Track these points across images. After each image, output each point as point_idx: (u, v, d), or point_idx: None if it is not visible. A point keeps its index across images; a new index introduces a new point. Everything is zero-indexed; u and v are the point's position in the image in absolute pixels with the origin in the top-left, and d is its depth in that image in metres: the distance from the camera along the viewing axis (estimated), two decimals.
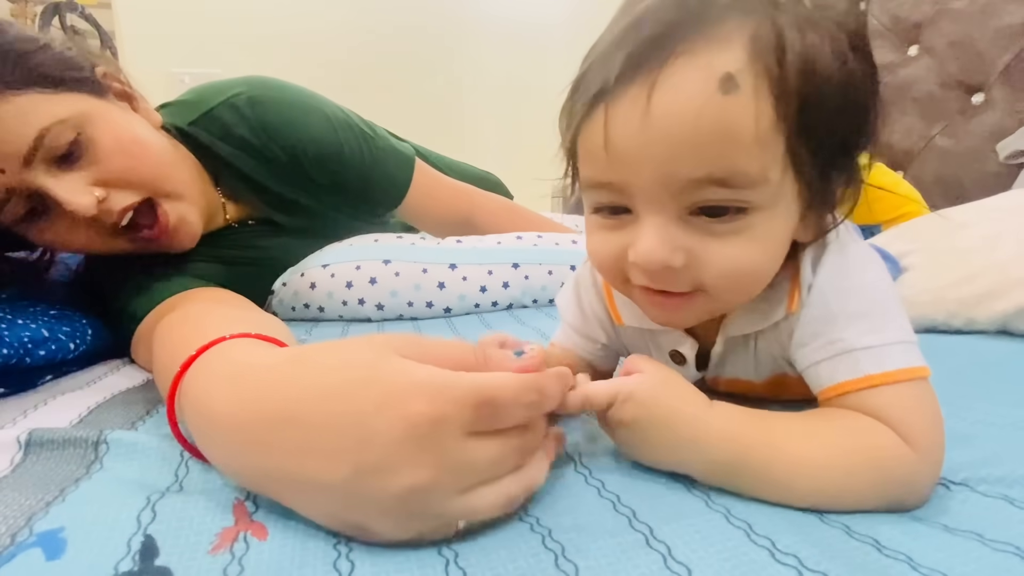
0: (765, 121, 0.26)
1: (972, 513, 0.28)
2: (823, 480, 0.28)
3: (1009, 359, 0.52)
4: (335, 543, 0.26)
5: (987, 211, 0.74)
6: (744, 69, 0.25)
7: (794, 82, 0.26)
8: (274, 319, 0.49)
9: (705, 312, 0.32)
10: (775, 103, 0.26)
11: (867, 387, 0.29)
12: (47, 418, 0.43)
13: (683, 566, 0.24)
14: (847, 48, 0.27)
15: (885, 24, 1.21)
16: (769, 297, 0.33)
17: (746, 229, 0.28)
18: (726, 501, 0.29)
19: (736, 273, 0.29)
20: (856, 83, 0.27)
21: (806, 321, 0.32)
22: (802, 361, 0.32)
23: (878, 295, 0.31)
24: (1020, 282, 0.59)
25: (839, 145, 0.28)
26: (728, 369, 0.38)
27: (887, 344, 0.29)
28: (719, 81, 0.25)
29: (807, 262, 0.32)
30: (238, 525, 0.27)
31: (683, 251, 0.28)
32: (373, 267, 0.77)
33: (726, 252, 0.28)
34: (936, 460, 0.29)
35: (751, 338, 0.35)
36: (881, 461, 0.27)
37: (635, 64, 0.26)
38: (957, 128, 1.09)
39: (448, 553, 0.25)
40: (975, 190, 1.02)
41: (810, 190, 0.29)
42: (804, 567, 0.24)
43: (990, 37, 1.03)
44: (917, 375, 0.29)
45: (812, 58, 0.26)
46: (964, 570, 0.23)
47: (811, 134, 0.27)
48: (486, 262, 0.80)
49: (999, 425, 0.36)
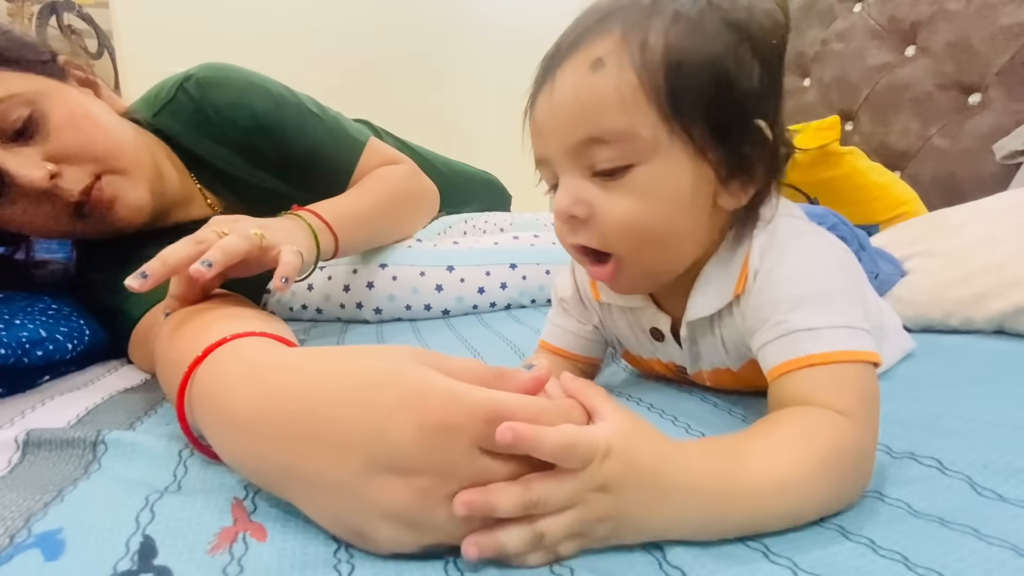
0: (623, 89, 0.32)
1: (967, 509, 0.28)
2: (800, 494, 0.26)
3: (1005, 358, 0.52)
4: (335, 548, 0.26)
5: (984, 211, 0.74)
6: (610, 52, 0.32)
7: (653, 57, 0.32)
8: (274, 317, 0.49)
9: (638, 277, 0.36)
10: (636, 74, 0.32)
11: (807, 366, 0.31)
12: (45, 419, 0.43)
13: (678, 570, 0.24)
14: (721, 29, 0.32)
15: (882, 24, 1.22)
16: (720, 280, 0.36)
17: (632, 183, 0.33)
18: None
19: (627, 225, 0.33)
20: (728, 62, 0.32)
21: (755, 305, 0.34)
22: (754, 344, 0.34)
23: (826, 281, 0.33)
24: (1017, 282, 0.60)
25: (725, 111, 0.32)
26: (705, 358, 0.40)
27: (829, 327, 0.31)
28: (590, 64, 0.32)
29: (756, 249, 0.35)
30: (237, 525, 0.27)
31: (584, 204, 0.34)
32: (370, 271, 0.77)
33: (617, 204, 0.33)
34: (873, 430, 0.29)
35: (714, 323, 0.38)
36: (835, 451, 0.27)
37: (546, 68, 0.35)
38: (954, 128, 1.09)
39: (447, 554, 0.25)
40: (972, 190, 1.02)
41: (712, 152, 0.33)
42: (799, 568, 0.24)
43: (987, 38, 1.03)
44: (858, 358, 0.30)
45: (674, 40, 0.32)
46: (959, 567, 0.23)
47: (683, 100, 0.32)
48: (483, 263, 0.80)
49: (996, 423, 0.36)
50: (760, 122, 0.33)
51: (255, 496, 0.29)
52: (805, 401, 0.30)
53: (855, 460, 0.28)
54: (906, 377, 0.48)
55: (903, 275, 0.72)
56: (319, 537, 0.26)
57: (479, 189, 1.21)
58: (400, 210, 0.82)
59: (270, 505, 0.28)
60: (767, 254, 0.34)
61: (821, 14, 1.35)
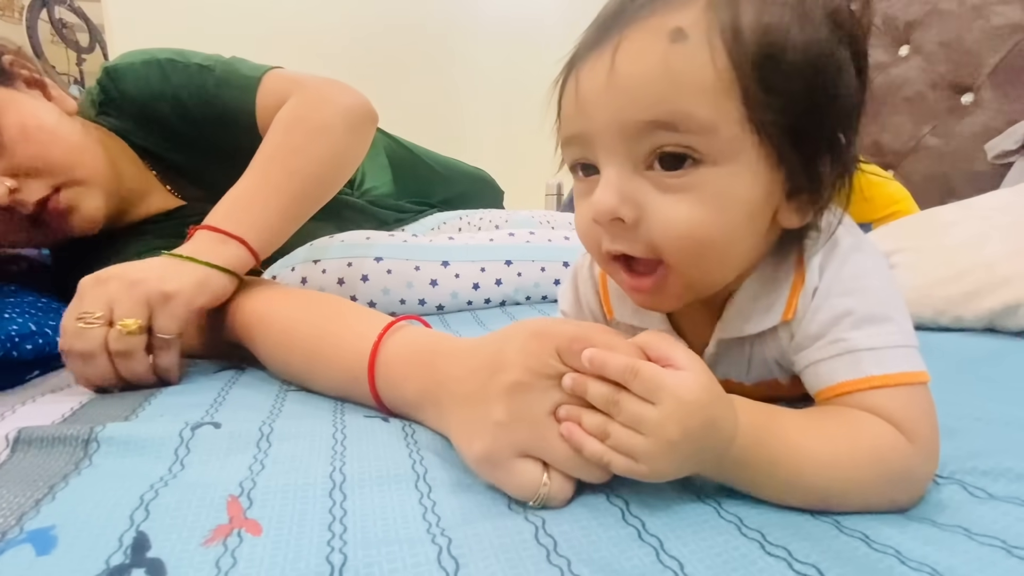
0: (714, 71, 0.27)
1: (959, 507, 0.28)
2: (828, 476, 0.28)
3: (995, 356, 0.53)
4: (329, 538, 0.26)
5: (975, 210, 0.75)
6: (695, 23, 0.27)
7: (750, 39, 0.27)
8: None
9: (680, 291, 0.31)
10: (728, 56, 0.27)
11: (867, 388, 0.29)
12: (35, 414, 0.42)
13: (675, 560, 0.25)
14: (822, 20, 0.27)
15: (876, 24, 1.22)
16: (766, 300, 0.33)
17: (698, 185, 0.28)
18: (719, 496, 0.29)
19: (685, 233, 0.28)
20: (831, 63, 0.28)
21: (810, 323, 0.31)
22: (801, 361, 0.32)
23: (884, 299, 0.31)
24: (1007, 281, 0.60)
25: (812, 116, 0.28)
26: (720, 370, 0.37)
27: (890, 347, 0.29)
28: (669, 33, 0.27)
29: (814, 266, 0.32)
30: (232, 523, 0.26)
31: (633, 204, 0.29)
32: (365, 264, 0.77)
33: (676, 209, 0.28)
34: (933, 454, 0.29)
35: (747, 341, 0.35)
36: (882, 453, 0.28)
37: (603, 30, 0.29)
38: (946, 128, 1.10)
39: (441, 540, 0.25)
40: (964, 189, 1.03)
41: (785, 163, 0.28)
42: (794, 559, 0.24)
43: (979, 38, 1.04)
44: (917, 380, 0.29)
45: (771, 22, 0.27)
46: (951, 563, 0.24)
47: (773, 95, 0.27)
48: (479, 259, 0.80)
49: (985, 421, 0.36)
50: (842, 136, 0.29)
51: (251, 492, 0.29)
52: None
53: (898, 473, 0.28)
54: None
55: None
56: (313, 531, 0.26)
57: (472, 186, 1.21)
58: (320, 156, 0.63)
59: (266, 501, 0.28)
60: (826, 270, 0.31)
61: None
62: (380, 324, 0.42)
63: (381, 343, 0.40)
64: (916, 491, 0.29)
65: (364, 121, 0.69)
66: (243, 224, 0.53)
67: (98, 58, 1.73)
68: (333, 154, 0.64)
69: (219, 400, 0.44)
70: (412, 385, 0.38)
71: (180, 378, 0.49)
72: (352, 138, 0.67)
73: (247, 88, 0.68)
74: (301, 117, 0.63)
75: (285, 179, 0.59)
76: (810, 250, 0.32)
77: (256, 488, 0.29)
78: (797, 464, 0.28)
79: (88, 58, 1.81)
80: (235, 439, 0.35)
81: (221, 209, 0.54)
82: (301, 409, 0.42)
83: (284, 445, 0.34)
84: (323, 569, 0.24)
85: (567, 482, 0.29)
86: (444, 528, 0.27)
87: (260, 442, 0.35)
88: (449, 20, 2.08)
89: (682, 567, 0.24)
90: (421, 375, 0.38)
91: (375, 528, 0.26)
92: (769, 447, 0.28)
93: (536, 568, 0.24)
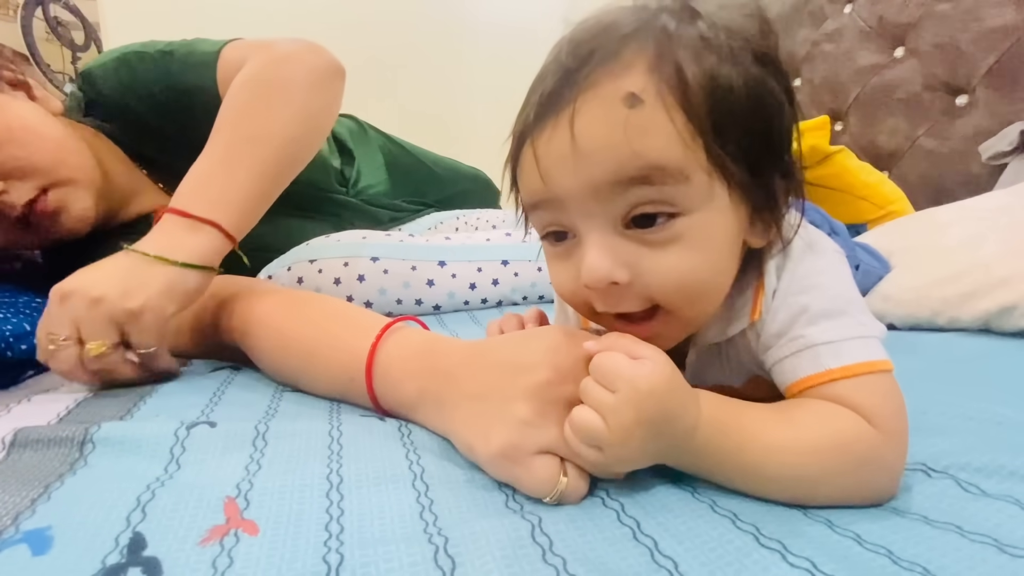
0: (674, 126, 0.28)
1: (951, 505, 0.28)
2: (793, 464, 0.29)
3: (989, 356, 0.53)
4: (326, 538, 0.26)
5: (970, 211, 0.75)
6: (645, 87, 0.28)
7: (698, 92, 0.28)
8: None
9: (679, 330, 0.33)
10: (682, 110, 0.28)
11: (828, 380, 0.30)
12: (30, 415, 0.42)
13: (669, 559, 0.25)
14: (751, 61, 0.30)
15: (872, 26, 1.23)
16: (734, 306, 0.34)
17: (681, 236, 0.29)
18: (712, 494, 0.30)
19: (681, 282, 0.30)
20: (767, 95, 0.30)
21: (771, 323, 0.33)
22: (768, 361, 0.34)
23: (837, 294, 0.32)
24: (1002, 282, 0.60)
25: (761, 147, 0.30)
26: (709, 379, 0.38)
27: (846, 339, 0.31)
28: (624, 99, 0.28)
29: (771, 269, 0.34)
30: (229, 523, 0.26)
31: (626, 265, 0.30)
32: (361, 264, 0.77)
33: (667, 261, 0.29)
34: (901, 442, 0.29)
35: (721, 346, 0.36)
36: (846, 439, 0.28)
37: (552, 101, 0.29)
38: (941, 129, 1.11)
39: (438, 540, 0.25)
40: (959, 190, 1.03)
41: (746, 192, 0.30)
42: (788, 551, 0.25)
43: (973, 40, 1.05)
44: (876, 368, 0.30)
45: (711, 72, 0.29)
46: (943, 562, 0.24)
47: (728, 138, 0.29)
48: (475, 259, 0.80)
49: (978, 420, 0.37)
50: (788, 157, 0.32)
51: (248, 493, 0.29)
52: None
53: (865, 460, 0.28)
54: None
55: (888, 270, 0.73)
56: (310, 531, 0.26)
57: (468, 185, 1.21)
58: (285, 116, 0.57)
59: (262, 502, 0.28)
60: (783, 272, 0.34)
61: (812, 15, 1.36)
62: (377, 325, 0.42)
63: (379, 343, 0.40)
64: (887, 480, 0.29)
65: (330, 76, 0.63)
66: (212, 203, 0.49)
67: (93, 56, 1.73)
68: (299, 113, 0.58)
69: (215, 399, 0.44)
70: (411, 385, 0.38)
71: (180, 369, 0.49)
72: (317, 95, 0.61)
73: (207, 64, 0.64)
74: (258, 77, 0.57)
75: (249, 146, 0.53)
76: (768, 255, 0.34)
77: (253, 489, 0.29)
78: (761, 453, 0.29)
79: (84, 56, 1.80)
80: (231, 439, 0.35)
81: (186, 187, 0.49)
82: (297, 408, 0.42)
83: (280, 445, 0.34)
84: (319, 569, 0.24)
85: (583, 479, 0.30)
86: (441, 527, 0.27)
87: (256, 441, 0.35)
88: (449, 19, 2.08)
89: (676, 566, 0.24)
90: (421, 375, 0.38)
91: (372, 528, 0.26)
92: (731, 437, 0.29)
93: (532, 567, 0.24)
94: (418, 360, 0.39)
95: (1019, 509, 0.27)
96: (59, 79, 1.91)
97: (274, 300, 0.50)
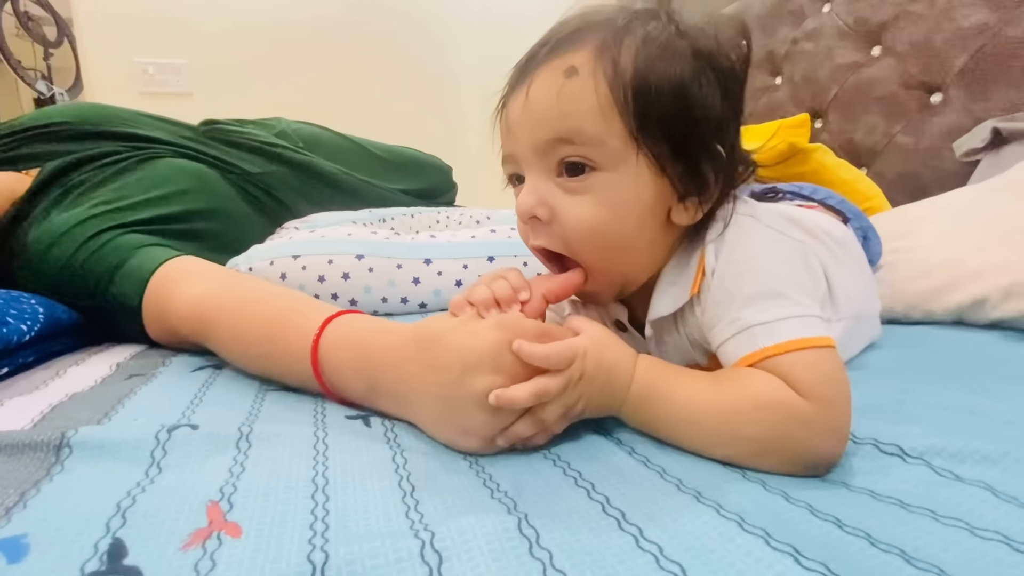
0: (599, 99, 0.34)
1: (925, 490, 0.29)
2: (713, 421, 0.32)
3: (961, 347, 0.55)
4: (310, 536, 0.25)
5: (944, 207, 0.77)
6: (585, 63, 0.34)
7: (625, 72, 0.34)
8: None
9: (603, 286, 0.39)
10: (609, 87, 0.34)
11: (763, 359, 0.32)
12: (4, 418, 0.41)
13: (655, 544, 0.25)
14: (688, 61, 0.34)
15: (849, 25, 1.25)
16: (678, 281, 0.38)
17: (593, 188, 0.35)
18: (697, 484, 0.30)
19: (585, 229, 0.36)
20: (694, 84, 0.34)
21: (711, 304, 0.36)
22: (713, 342, 0.36)
23: (773, 275, 0.35)
24: (974, 276, 0.62)
25: (686, 131, 0.35)
26: (673, 355, 0.41)
27: (780, 319, 0.33)
28: (565, 71, 0.35)
29: (711, 249, 0.37)
30: (212, 526, 0.26)
31: (547, 206, 0.36)
32: (346, 261, 0.76)
33: (577, 208, 0.36)
34: (831, 409, 0.31)
35: (677, 321, 0.40)
36: (764, 403, 0.31)
37: (523, 72, 0.37)
38: (917, 127, 1.13)
39: (425, 535, 0.25)
40: (934, 186, 1.05)
41: (669, 168, 0.35)
42: (771, 537, 0.25)
43: (947, 39, 1.07)
44: (811, 344, 0.32)
45: (643, 59, 0.34)
46: (917, 544, 0.25)
47: (648, 117, 0.34)
48: (461, 256, 0.80)
49: (952, 409, 0.38)
50: (718, 145, 0.35)
51: (232, 496, 0.29)
52: None
53: (788, 426, 0.30)
54: (869, 365, 0.49)
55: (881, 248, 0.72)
56: (295, 530, 0.26)
57: (417, 169, 1.25)
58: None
59: (246, 504, 0.28)
60: (720, 253, 0.36)
61: (792, 13, 1.37)
62: (315, 325, 0.42)
63: (319, 345, 0.41)
64: (820, 451, 0.30)
65: None
66: None
67: (66, 52, 1.68)
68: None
69: (196, 401, 0.43)
70: (360, 382, 0.40)
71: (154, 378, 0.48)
72: None
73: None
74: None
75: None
76: (708, 236, 0.37)
77: (236, 492, 0.29)
78: (685, 410, 0.33)
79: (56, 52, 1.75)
80: (214, 441, 0.34)
81: None
82: (281, 409, 0.42)
83: (264, 447, 0.34)
84: (304, 568, 0.23)
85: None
86: (427, 523, 0.27)
87: (240, 443, 0.34)
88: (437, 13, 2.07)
89: (662, 550, 0.25)
90: (369, 372, 0.39)
91: (357, 525, 0.26)
92: (660, 395, 0.34)
93: (519, 560, 0.24)
94: (362, 358, 0.40)
95: (991, 494, 0.28)
96: (31, 76, 1.85)
97: (217, 303, 0.51)
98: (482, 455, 0.34)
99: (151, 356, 0.57)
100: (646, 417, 0.35)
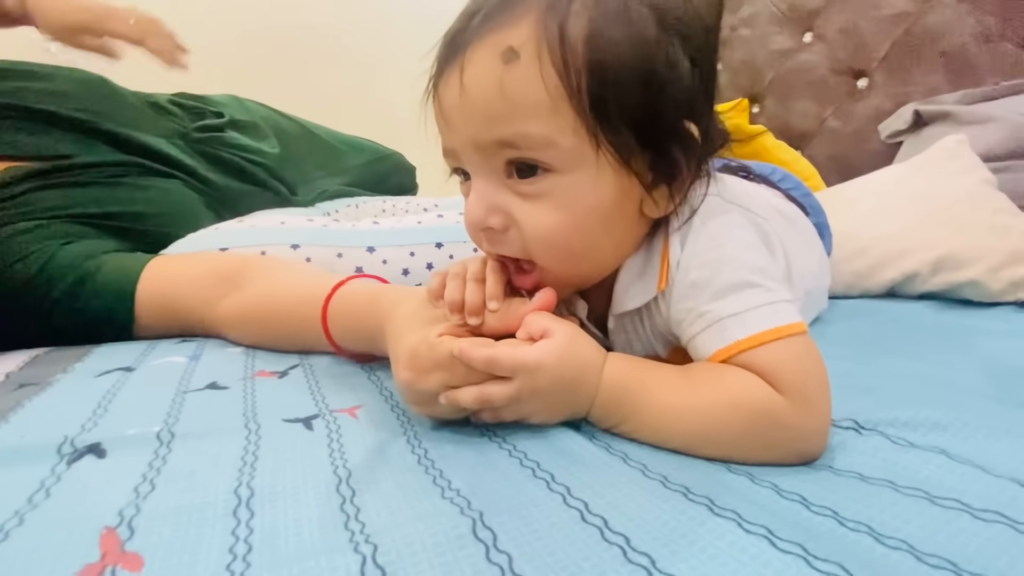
0: (544, 89, 0.28)
1: (884, 461, 0.29)
2: (687, 421, 0.30)
3: (900, 319, 0.57)
4: (229, 562, 0.22)
5: (872, 186, 0.80)
6: (526, 41, 0.28)
7: (577, 48, 0.28)
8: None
9: (561, 286, 0.34)
10: (559, 73, 0.28)
11: (737, 352, 0.30)
12: None
13: (620, 535, 0.23)
14: (650, 28, 0.29)
15: (783, 11, 1.28)
16: (644, 275, 0.35)
17: (549, 193, 0.31)
18: (663, 469, 0.29)
19: (544, 238, 0.31)
20: (659, 56, 0.29)
21: (677, 297, 0.33)
22: (683, 336, 0.34)
23: (741, 264, 0.32)
24: (903, 253, 0.66)
25: (651, 114, 0.29)
26: (636, 348, 0.38)
27: (751, 308, 0.31)
28: (502, 54, 0.28)
29: (675, 240, 0.34)
30: (105, 559, 0.22)
31: (501, 213, 0.31)
32: (280, 252, 0.70)
33: (534, 215, 0.31)
34: (814, 405, 0.29)
35: (642, 314, 0.37)
36: (739, 399, 0.29)
37: (452, 46, 0.31)
38: (846, 110, 1.18)
39: (366, 548, 0.22)
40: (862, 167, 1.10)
41: (636, 159, 0.30)
42: (743, 520, 0.24)
43: (874, 25, 1.12)
44: (783, 333, 0.30)
45: (597, 30, 0.28)
46: (882, 518, 0.24)
47: (608, 101, 0.29)
48: (407, 243, 0.76)
49: (900, 377, 0.38)
50: (690, 124, 0.31)
51: (132, 520, 0.24)
52: None
53: (763, 419, 0.28)
54: (817, 339, 0.50)
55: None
56: (210, 557, 0.22)
57: (371, 161, 1.20)
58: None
59: (151, 529, 0.24)
60: (685, 243, 0.33)
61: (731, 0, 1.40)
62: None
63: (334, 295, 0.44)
64: (801, 449, 0.29)
65: None
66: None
67: None
68: None
69: (100, 411, 0.37)
70: (367, 325, 0.41)
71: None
72: None
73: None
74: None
75: None
76: (672, 224, 0.34)
77: (140, 514, 0.25)
78: (658, 412, 0.31)
79: None
80: (117, 457, 0.30)
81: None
82: (204, 415, 0.37)
83: (180, 459, 0.30)
84: None
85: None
86: (369, 534, 0.24)
87: (150, 457, 0.30)
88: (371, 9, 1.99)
89: (628, 541, 0.23)
90: (375, 315, 0.40)
91: (287, 544, 0.23)
92: (632, 397, 0.31)
93: (473, 569, 0.22)
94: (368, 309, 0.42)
95: (946, 459, 0.28)
96: None
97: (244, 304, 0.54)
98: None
99: (50, 362, 0.50)
100: (616, 420, 0.32)
